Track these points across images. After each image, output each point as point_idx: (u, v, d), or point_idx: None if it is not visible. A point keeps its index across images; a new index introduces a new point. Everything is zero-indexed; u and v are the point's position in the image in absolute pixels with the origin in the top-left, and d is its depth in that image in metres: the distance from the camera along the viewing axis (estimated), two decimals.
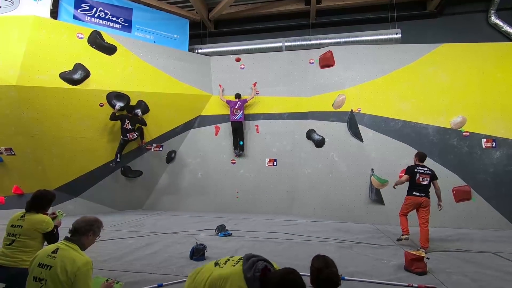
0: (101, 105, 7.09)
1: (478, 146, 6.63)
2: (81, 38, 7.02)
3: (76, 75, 6.74)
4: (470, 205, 6.33)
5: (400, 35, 8.29)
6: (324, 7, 9.18)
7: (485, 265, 3.91)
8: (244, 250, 4.38)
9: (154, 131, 8.06)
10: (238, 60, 8.74)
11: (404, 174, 4.91)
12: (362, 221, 6.56)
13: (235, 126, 8.07)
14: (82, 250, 2.09)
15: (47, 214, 2.85)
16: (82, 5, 7.87)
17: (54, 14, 7.53)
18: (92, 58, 7.03)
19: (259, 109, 8.38)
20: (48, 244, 2.47)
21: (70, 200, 7.14)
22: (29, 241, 2.60)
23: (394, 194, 5.06)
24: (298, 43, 8.88)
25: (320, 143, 7.63)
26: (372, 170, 6.75)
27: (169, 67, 8.12)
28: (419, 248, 4.36)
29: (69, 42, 6.86)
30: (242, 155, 8.23)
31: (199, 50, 9.42)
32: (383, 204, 6.57)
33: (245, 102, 8.11)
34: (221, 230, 5.45)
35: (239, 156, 8.22)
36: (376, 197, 6.65)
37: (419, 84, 7.16)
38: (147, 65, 7.81)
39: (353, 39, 8.52)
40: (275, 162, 8.06)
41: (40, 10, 7.06)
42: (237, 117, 7.99)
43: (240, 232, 5.56)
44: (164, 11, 9.13)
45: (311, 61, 8.23)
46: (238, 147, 8.12)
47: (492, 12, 8.29)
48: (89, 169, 7.34)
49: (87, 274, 1.95)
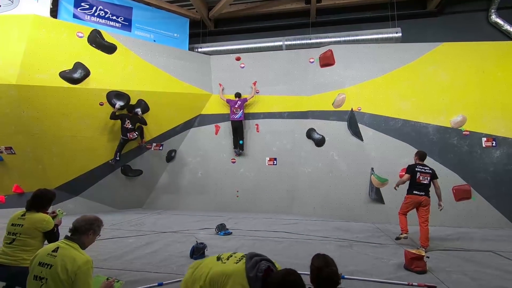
0: (101, 104, 7.08)
1: (478, 145, 6.63)
2: (81, 37, 7.01)
3: (76, 74, 6.74)
4: (470, 204, 6.34)
5: (400, 34, 8.27)
6: (324, 6, 9.16)
7: (485, 264, 3.91)
8: (244, 249, 4.39)
9: (154, 130, 8.06)
10: (238, 59, 8.73)
11: (405, 173, 4.91)
12: (362, 220, 6.58)
13: (235, 125, 8.06)
14: (83, 249, 2.10)
15: (48, 213, 2.85)
16: (82, 4, 7.86)
17: (54, 13, 7.53)
18: (92, 57, 7.02)
19: (259, 108, 8.38)
20: (49, 243, 2.48)
21: (70, 199, 7.15)
22: (30, 240, 2.60)
23: (394, 193, 5.07)
24: (298, 42, 8.86)
25: (320, 142, 7.63)
26: (372, 169, 6.75)
27: (169, 66, 8.12)
28: (419, 247, 4.36)
29: (69, 41, 6.86)
30: (242, 154, 8.23)
31: (199, 49, 9.40)
32: (383, 203, 6.58)
33: (245, 101, 8.10)
34: (221, 229, 5.46)
35: (239, 155, 8.22)
36: (376, 196, 6.66)
37: (419, 83, 7.16)
38: (147, 64, 7.81)
39: (353, 38, 8.51)
40: (275, 161, 8.07)
41: (40, 9, 7.05)
42: (237, 116, 7.99)
43: (240, 231, 5.57)
44: (164, 10, 9.12)
45: (311, 60, 8.22)
46: (238, 146, 8.12)
47: (493, 11, 8.28)
48: (89, 168, 7.35)
49: (88, 273, 1.96)
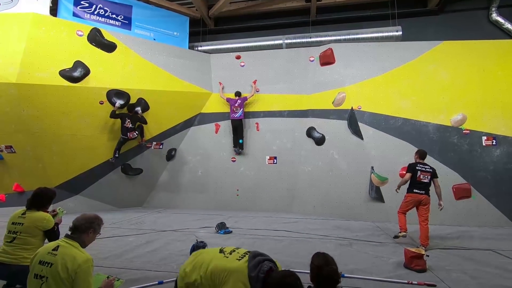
0: (101, 103, 7.08)
1: (478, 144, 6.62)
2: (81, 36, 7.00)
3: (76, 73, 6.73)
4: (470, 203, 6.34)
5: (401, 33, 8.25)
6: (325, 4, 9.15)
7: (485, 263, 3.92)
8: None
9: (154, 129, 8.05)
10: (238, 58, 8.71)
11: (406, 172, 4.91)
12: (362, 219, 6.58)
13: (235, 124, 8.06)
14: (83, 248, 2.11)
15: (48, 212, 2.86)
16: (82, 2, 7.85)
17: (54, 12, 7.51)
18: (92, 56, 7.01)
19: (259, 107, 8.37)
20: (49, 242, 2.49)
21: (71, 198, 7.15)
22: (30, 239, 2.61)
23: (394, 192, 5.07)
24: (299, 41, 8.85)
25: (320, 141, 7.62)
26: (372, 168, 6.76)
27: (169, 65, 8.11)
28: (419, 246, 4.37)
29: (69, 40, 6.84)
30: (242, 153, 8.23)
31: (199, 48, 9.39)
32: (383, 202, 6.59)
33: (245, 100, 8.09)
34: (221, 228, 5.46)
35: (239, 154, 8.22)
36: (376, 195, 6.66)
37: (420, 82, 7.14)
38: (147, 63, 7.80)
39: (354, 37, 8.50)
40: (275, 160, 8.06)
41: (40, 8, 7.04)
42: (237, 115, 7.98)
43: (240, 230, 5.57)
44: (164, 9, 9.10)
45: (312, 59, 8.20)
46: (238, 145, 8.12)
47: (493, 9, 8.26)
48: (90, 167, 7.34)
49: (88, 272, 1.96)
